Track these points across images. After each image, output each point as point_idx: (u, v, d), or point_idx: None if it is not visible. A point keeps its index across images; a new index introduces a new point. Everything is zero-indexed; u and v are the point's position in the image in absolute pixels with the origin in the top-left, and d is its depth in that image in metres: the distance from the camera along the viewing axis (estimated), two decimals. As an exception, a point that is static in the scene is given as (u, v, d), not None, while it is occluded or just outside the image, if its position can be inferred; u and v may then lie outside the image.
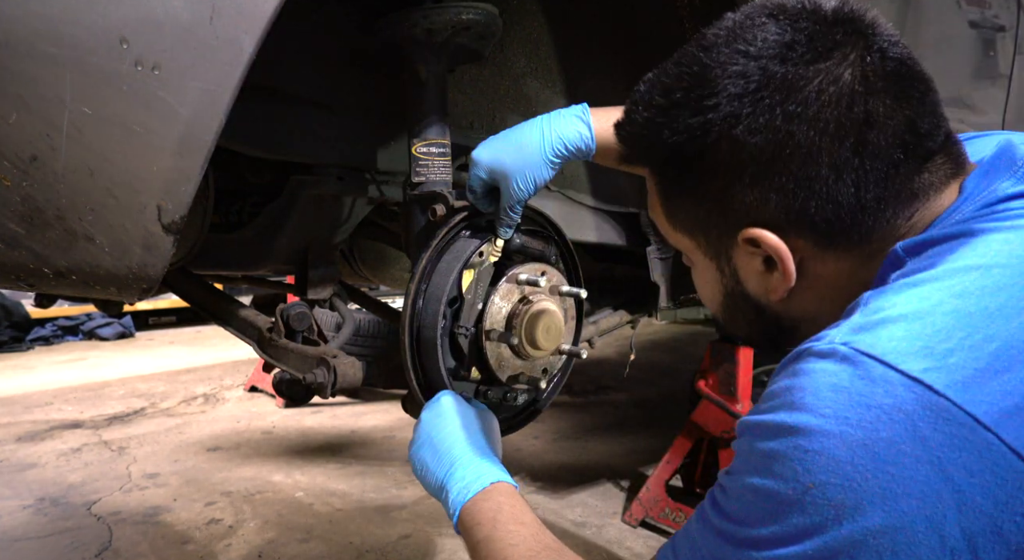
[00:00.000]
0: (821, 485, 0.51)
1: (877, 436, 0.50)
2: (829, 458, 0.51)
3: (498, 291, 1.00)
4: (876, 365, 0.52)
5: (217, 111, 0.73)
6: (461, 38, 1.07)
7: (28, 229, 0.73)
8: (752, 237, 0.67)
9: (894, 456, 0.49)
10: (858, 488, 0.50)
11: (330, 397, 1.11)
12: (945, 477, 0.48)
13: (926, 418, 0.49)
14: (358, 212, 1.36)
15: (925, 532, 0.48)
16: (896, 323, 0.54)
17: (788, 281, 0.67)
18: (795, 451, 0.52)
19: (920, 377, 0.50)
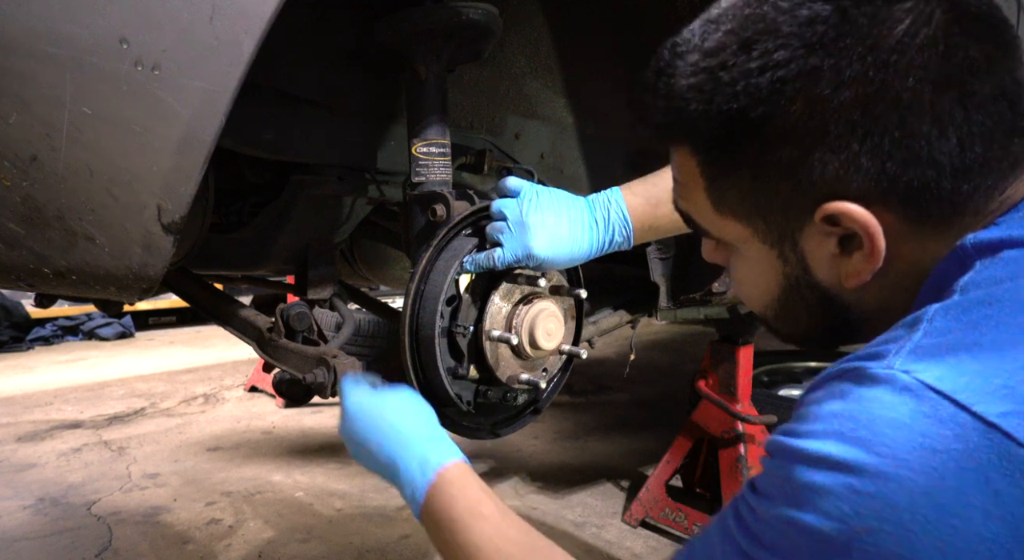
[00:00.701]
0: (873, 532, 0.45)
1: (943, 485, 0.44)
2: (885, 503, 0.45)
3: (498, 291, 1.00)
4: (945, 403, 0.46)
5: (217, 111, 0.73)
6: (461, 38, 1.07)
7: (28, 229, 0.73)
8: (834, 213, 0.56)
9: (961, 509, 0.43)
10: (916, 540, 0.44)
11: (330, 397, 1.11)
12: (1019, 538, 0.43)
13: (1002, 470, 0.43)
14: (358, 212, 1.36)
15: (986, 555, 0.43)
16: (970, 353, 0.47)
17: (875, 262, 0.57)
18: (846, 490, 0.46)
19: (997, 423, 0.44)
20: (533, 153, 1.51)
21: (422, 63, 1.06)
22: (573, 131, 1.59)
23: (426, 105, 1.07)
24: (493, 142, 1.41)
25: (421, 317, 0.98)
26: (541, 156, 1.53)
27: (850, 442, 0.47)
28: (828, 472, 0.47)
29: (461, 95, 1.36)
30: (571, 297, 1.10)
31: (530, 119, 1.49)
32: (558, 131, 1.56)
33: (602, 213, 1.00)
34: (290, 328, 1.21)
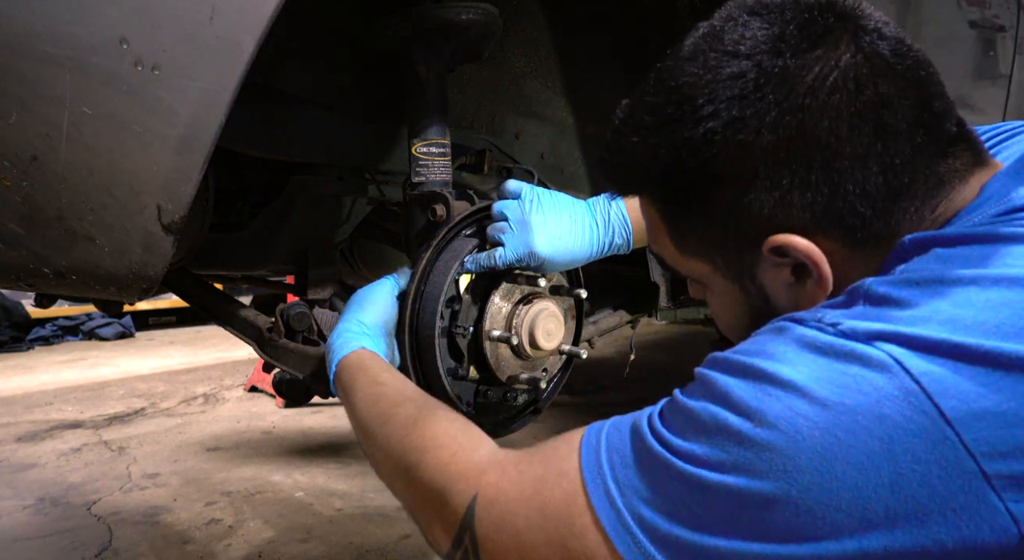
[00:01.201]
0: (769, 427, 0.50)
1: (840, 401, 0.49)
2: (786, 407, 0.50)
3: (498, 291, 1.00)
4: (862, 342, 0.51)
5: (217, 111, 0.73)
6: (461, 38, 1.07)
7: (28, 229, 0.73)
8: (779, 245, 0.62)
9: (848, 423, 0.49)
10: (802, 442, 0.49)
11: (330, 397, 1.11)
12: (890, 456, 0.48)
13: (893, 398, 0.48)
14: (358, 212, 1.36)
15: (849, 501, 0.48)
16: (889, 307, 0.53)
17: (825, 287, 0.63)
18: (757, 391, 0.52)
19: (901, 359, 0.49)
20: (533, 153, 1.51)
21: (422, 63, 1.06)
22: (573, 131, 1.59)
23: (426, 105, 1.07)
24: (493, 142, 1.41)
25: (421, 317, 0.98)
26: (541, 156, 1.53)
27: (775, 359, 0.53)
28: (748, 378, 0.53)
29: (461, 95, 1.36)
30: (571, 297, 1.10)
31: (530, 119, 1.49)
32: (558, 131, 1.56)
33: (602, 215, 1.02)
34: (290, 328, 1.21)
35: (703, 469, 0.52)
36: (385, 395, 0.81)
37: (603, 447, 0.58)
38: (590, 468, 0.58)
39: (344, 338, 0.92)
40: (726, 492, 0.51)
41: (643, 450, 0.56)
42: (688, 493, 0.52)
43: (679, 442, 0.54)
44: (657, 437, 0.56)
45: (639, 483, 0.55)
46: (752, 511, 0.50)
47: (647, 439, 0.56)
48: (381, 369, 0.87)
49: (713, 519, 0.51)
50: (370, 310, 0.96)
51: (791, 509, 0.49)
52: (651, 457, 0.55)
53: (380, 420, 0.77)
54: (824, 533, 0.49)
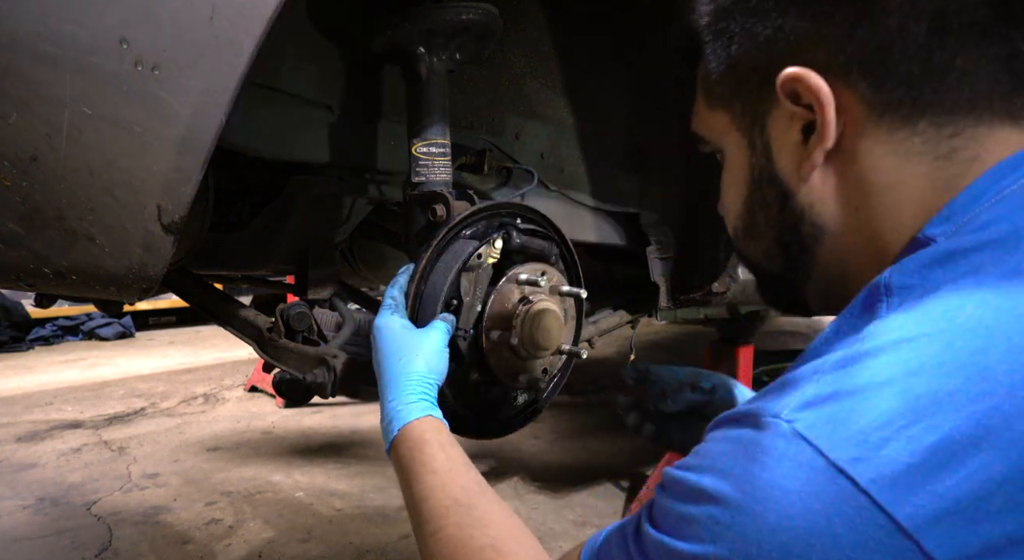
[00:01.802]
0: (724, 556, 0.49)
1: (790, 525, 0.47)
2: (737, 536, 0.49)
3: (498, 291, 1.00)
4: (807, 448, 0.48)
5: (217, 111, 0.73)
6: (461, 38, 1.07)
7: (28, 229, 0.73)
8: (793, 77, 0.58)
9: (801, 549, 0.46)
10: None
11: (330, 397, 1.11)
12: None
13: (843, 514, 0.45)
14: (358, 212, 1.36)
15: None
16: (845, 399, 0.49)
17: (825, 140, 0.59)
18: (708, 520, 0.51)
19: (845, 468, 0.46)
20: (533, 153, 1.51)
21: (422, 63, 1.06)
22: (573, 131, 1.59)
23: (426, 105, 1.07)
24: (493, 142, 1.41)
25: (421, 318, 0.98)
26: (541, 156, 1.53)
27: (722, 477, 0.51)
28: (698, 504, 0.52)
29: (461, 95, 1.36)
30: (571, 297, 1.10)
31: (530, 119, 1.49)
32: (558, 131, 1.56)
33: None
34: (290, 328, 1.21)
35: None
36: (435, 494, 0.78)
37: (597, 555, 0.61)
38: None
39: (406, 399, 0.84)
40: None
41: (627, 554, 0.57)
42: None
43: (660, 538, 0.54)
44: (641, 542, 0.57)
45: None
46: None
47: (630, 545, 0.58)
48: (439, 448, 0.81)
49: None
50: (428, 360, 0.88)
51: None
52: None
53: (429, 528, 0.77)
54: None
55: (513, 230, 1.03)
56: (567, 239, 1.14)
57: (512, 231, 1.03)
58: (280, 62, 1.09)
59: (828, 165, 0.62)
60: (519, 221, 1.07)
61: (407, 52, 1.06)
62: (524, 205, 1.09)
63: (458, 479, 0.79)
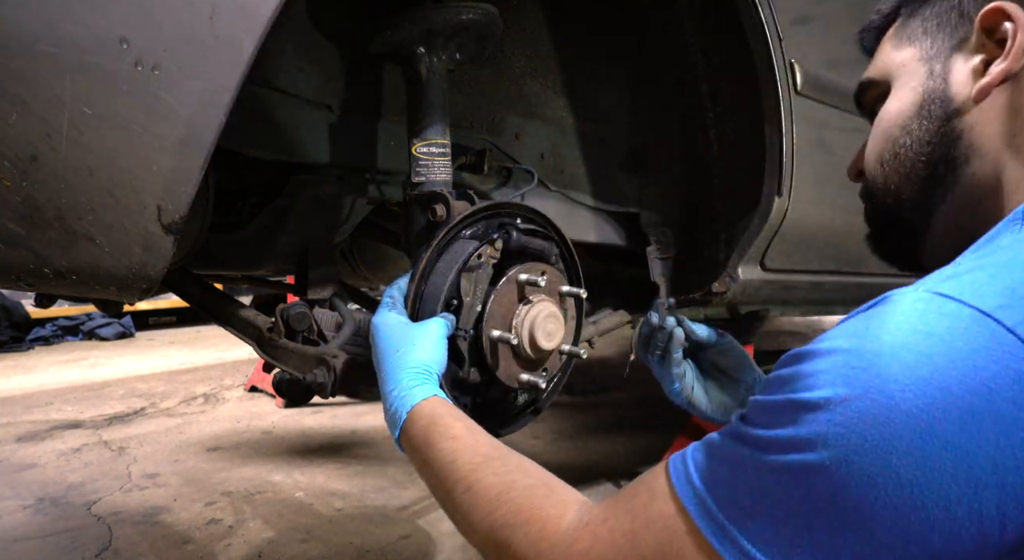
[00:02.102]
0: (857, 398, 0.48)
1: (931, 362, 0.47)
2: (875, 375, 0.48)
3: (498, 291, 1.00)
4: (949, 302, 0.49)
5: (217, 111, 0.73)
6: (461, 38, 1.07)
7: (28, 229, 0.73)
8: (998, 8, 0.66)
9: (942, 380, 0.46)
10: (895, 406, 0.46)
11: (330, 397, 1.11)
12: (991, 407, 0.45)
13: (988, 349, 0.46)
14: (358, 212, 1.36)
15: (954, 462, 0.45)
16: (985, 270, 0.51)
17: (1014, 62, 0.65)
18: (843, 367, 0.50)
19: (991, 312, 0.47)
20: (533, 153, 1.51)
21: (422, 63, 1.06)
22: (573, 131, 1.59)
23: (426, 105, 1.07)
24: (493, 142, 1.41)
25: (421, 317, 0.98)
26: (541, 156, 1.53)
27: (860, 336, 0.51)
28: (832, 357, 0.51)
29: (461, 95, 1.36)
30: (571, 297, 1.10)
31: (530, 119, 1.49)
32: (558, 131, 1.56)
33: None
34: (290, 328, 1.21)
35: (793, 453, 0.50)
36: (462, 455, 0.75)
37: (691, 470, 0.57)
38: (686, 495, 0.56)
39: (408, 385, 0.83)
40: (822, 474, 0.48)
41: (732, 453, 0.54)
42: (783, 486, 0.50)
43: (764, 432, 0.52)
44: (741, 436, 0.54)
45: (735, 490, 0.53)
46: (852, 490, 0.47)
47: (733, 441, 0.55)
48: (453, 419, 0.80)
49: (814, 508, 0.48)
50: (425, 349, 0.88)
51: (893, 482, 0.46)
52: (740, 457, 0.53)
53: (462, 485, 0.73)
54: (932, 503, 0.45)
55: (513, 230, 1.03)
56: (567, 239, 1.14)
57: (512, 231, 1.03)
58: (280, 62, 1.09)
59: (1001, 90, 0.67)
60: (519, 221, 1.07)
61: (407, 52, 1.06)
62: (524, 205, 1.09)
63: (482, 439, 0.77)
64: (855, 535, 0.47)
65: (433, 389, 0.84)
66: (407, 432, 0.81)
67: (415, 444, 0.80)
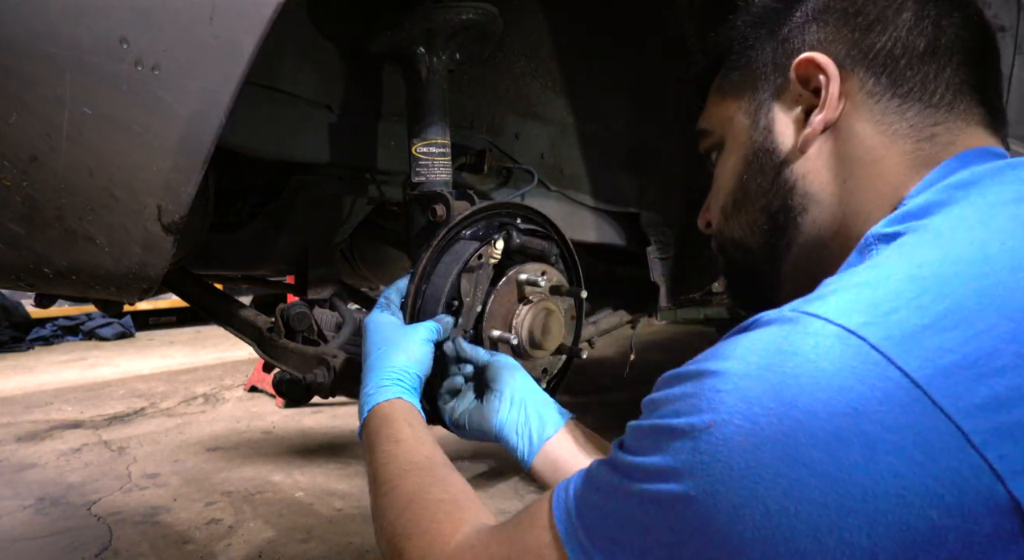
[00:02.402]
0: (722, 424, 0.47)
1: (797, 383, 0.46)
2: (740, 399, 0.47)
3: (498, 291, 1.00)
4: (815, 320, 0.49)
5: (217, 111, 0.73)
6: (461, 38, 1.07)
7: (28, 229, 0.73)
8: (809, 59, 0.68)
9: (807, 402, 0.45)
10: (759, 432, 0.45)
11: (330, 397, 1.11)
12: (859, 429, 0.44)
13: (853, 369, 0.45)
14: (358, 212, 1.36)
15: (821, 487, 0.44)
16: (848, 290, 0.51)
17: (829, 111, 0.68)
18: (709, 391, 0.49)
19: (855, 329, 0.47)
20: (533, 153, 1.51)
21: (422, 63, 1.06)
22: (573, 131, 1.59)
23: (426, 105, 1.07)
24: (493, 142, 1.41)
25: (421, 318, 0.98)
26: (541, 156, 1.53)
27: (724, 358, 0.50)
28: (696, 381, 0.51)
29: (461, 95, 1.36)
30: (571, 297, 1.10)
31: (530, 119, 1.49)
32: (558, 131, 1.56)
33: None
34: (290, 328, 1.21)
35: (660, 483, 0.49)
36: (396, 459, 0.77)
37: (570, 497, 0.57)
38: (561, 523, 0.56)
39: (378, 384, 0.86)
40: (689, 505, 0.47)
41: (605, 480, 0.54)
42: (650, 516, 0.49)
43: (634, 459, 0.52)
44: (614, 463, 0.54)
45: (606, 518, 0.53)
46: (719, 522, 0.46)
47: (607, 467, 0.55)
48: (404, 423, 0.82)
49: (680, 540, 0.48)
50: (407, 353, 0.89)
51: (760, 512, 0.45)
52: (611, 484, 0.53)
53: (385, 488, 0.75)
54: (801, 534, 0.44)
55: (513, 230, 1.03)
56: (567, 239, 1.14)
57: (512, 231, 1.03)
58: (280, 62, 1.09)
59: (824, 139, 0.69)
60: (519, 221, 1.07)
61: (407, 52, 1.06)
62: (524, 205, 1.09)
63: (422, 449, 0.79)
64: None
65: (400, 392, 0.86)
66: (365, 429, 0.84)
67: (367, 442, 0.83)
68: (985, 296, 0.47)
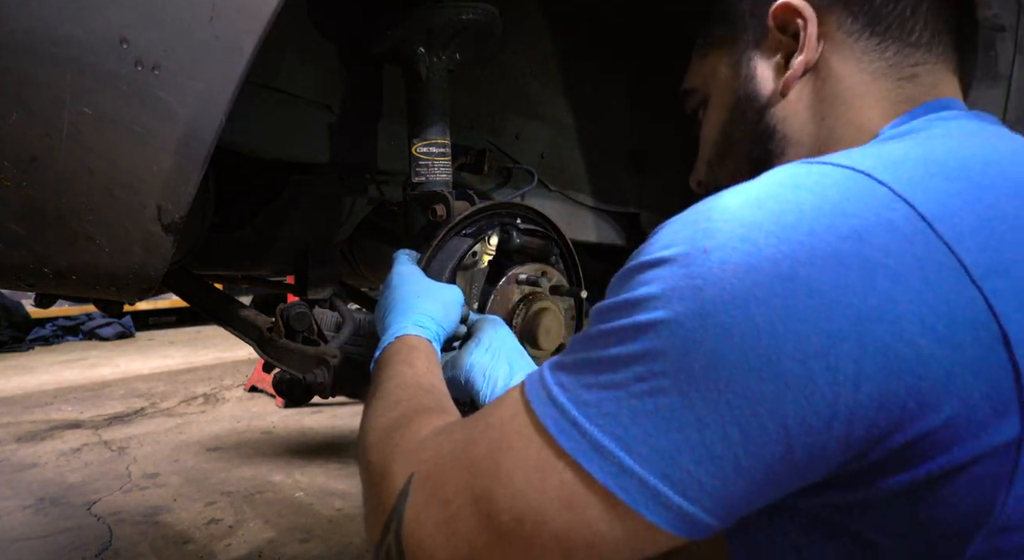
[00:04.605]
0: (718, 248, 0.44)
1: (799, 209, 0.44)
2: (738, 224, 0.45)
3: (498, 291, 1.00)
4: (820, 165, 0.48)
5: (217, 111, 0.73)
6: (461, 38, 1.07)
7: (28, 229, 0.73)
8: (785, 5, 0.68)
9: (809, 225, 0.43)
10: (758, 252, 0.43)
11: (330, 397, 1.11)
12: (860, 254, 0.42)
13: (860, 198, 0.44)
14: (358, 212, 1.36)
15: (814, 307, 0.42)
16: (851, 153, 0.52)
17: (808, 53, 0.68)
18: (702, 221, 0.46)
19: (862, 168, 0.46)
20: (533, 153, 1.51)
21: (422, 63, 1.06)
22: (573, 131, 1.59)
23: (426, 105, 1.07)
24: (493, 142, 1.41)
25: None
26: (541, 156, 1.53)
27: (715, 197, 0.49)
28: (681, 217, 0.49)
29: (461, 95, 1.36)
30: (571, 297, 1.10)
31: (530, 119, 1.49)
32: (558, 131, 1.56)
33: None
34: (290, 328, 1.21)
35: (640, 313, 0.45)
36: (403, 376, 0.75)
37: (545, 375, 0.52)
38: (533, 394, 0.51)
39: (417, 322, 0.83)
40: (671, 329, 0.44)
41: (580, 340, 0.51)
42: (625, 345, 0.46)
43: (611, 300, 0.49)
44: (589, 316, 0.51)
45: (579, 366, 0.48)
46: (704, 346, 0.43)
47: (578, 334, 0.52)
48: (423, 357, 0.79)
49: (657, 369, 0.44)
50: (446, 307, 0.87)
51: (750, 333, 0.42)
52: (585, 337, 0.50)
53: (379, 392, 0.73)
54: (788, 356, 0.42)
55: (513, 230, 1.03)
56: (567, 239, 1.14)
57: (512, 231, 1.03)
58: (280, 62, 1.09)
59: (805, 82, 0.70)
60: (519, 221, 1.07)
61: (407, 52, 1.06)
62: (524, 205, 1.09)
63: (432, 378, 0.76)
64: (702, 396, 0.43)
65: (430, 337, 0.84)
66: (385, 352, 0.81)
67: (381, 361, 0.80)
68: (991, 164, 0.49)
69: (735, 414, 0.42)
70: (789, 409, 0.42)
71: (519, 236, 1.03)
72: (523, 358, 0.87)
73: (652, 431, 0.43)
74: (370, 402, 0.74)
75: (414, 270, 0.93)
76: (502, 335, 0.89)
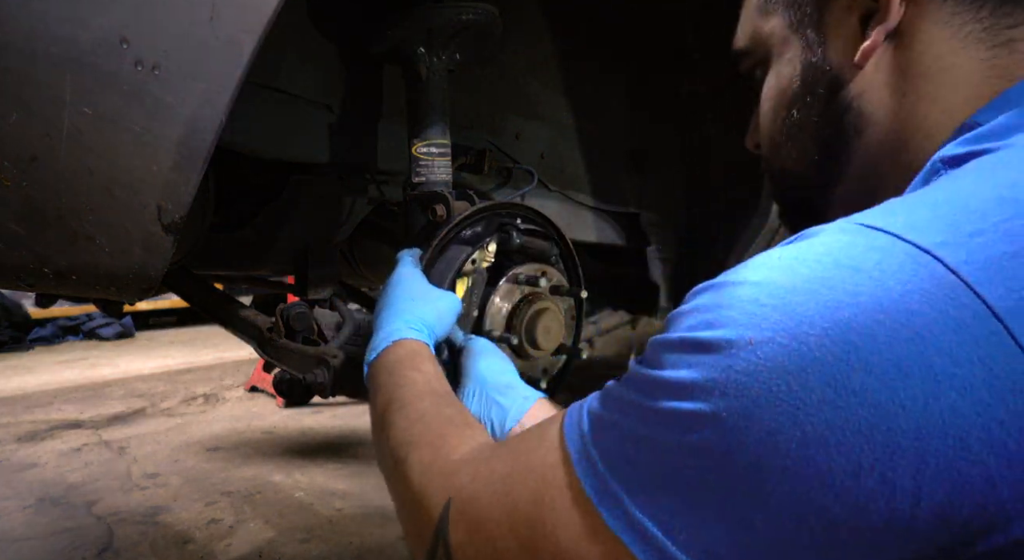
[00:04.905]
0: (765, 342, 0.41)
1: (855, 302, 0.40)
2: (787, 315, 0.41)
3: (498, 291, 1.00)
4: (881, 235, 0.42)
5: (217, 111, 0.73)
6: (461, 38, 1.07)
7: (28, 229, 0.73)
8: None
9: (865, 325, 0.39)
10: (807, 353, 0.40)
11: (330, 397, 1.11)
12: (923, 360, 0.38)
13: (924, 292, 0.39)
14: (358, 212, 1.36)
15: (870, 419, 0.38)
16: (922, 207, 0.44)
17: (889, 18, 0.59)
18: (750, 303, 0.42)
19: (930, 249, 0.40)
20: (533, 153, 1.51)
21: (422, 63, 1.06)
22: (573, 131, 1.59)
23: (426, 105, 1.07)
24: (493, 142, 1.41)
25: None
26: (541, 156, 1.53)
27: (766, 267, 0.44)
28: (733, 289, 0.45)
29: (461, 95, 1.36)
30: (571, 297, 1.10)
31: (530, 119, 1.49)
32: (558, 131, 1.56)
33: None
34: (290, 328, 1.21)
35: (684, 401, 0.43)
36: (416, 384, 0.74)
37: (584, 416, 0.51)
38: (573, 443, 0.50)
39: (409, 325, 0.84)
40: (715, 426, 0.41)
41: (622, 398, 0.48)
42: (669, 436, 0.44)
43: (656, 373, 0.46)
44: (633, 379, 0.49)
45: (622, 440, 0.46)
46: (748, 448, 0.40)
47: (626, 384, 0.49)
48: (428, 360, 0.80)
49: (701, 464, 0.42)
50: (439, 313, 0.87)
51: (797, 440, 0.39)
52: (628, 402, 0.47)
53: (397, 404, 0.72)
54: (840, 468, 0.39)
55: (513, 230, 1.03)
56: (567, 239, 1.14)
57: (512, 231, 1.03)
58: (280, 62, 1.09)
59: (884, 50, 0.61)
60: (519, 221, 1.07)
61: (407, 52, 1.06)
62: (524, 205, 1.09)
63: (443, 383, 0.77)
64: (746, 499, 0.41)
65: (428, 341, 0.85)
66: (383, 357, 0.81)
67: (384, 368, 0.80)
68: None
69: (773, 516, 0.40)
70: (839, 519, 0.39)
71: (519, 236, 1.03)
72: (510, 390, 0.84)
73: (693, 522, 0.42)
74: (388, 410, 0.73)
75: (415, 273, 0.94)
76: (485, 372, 0.87)
